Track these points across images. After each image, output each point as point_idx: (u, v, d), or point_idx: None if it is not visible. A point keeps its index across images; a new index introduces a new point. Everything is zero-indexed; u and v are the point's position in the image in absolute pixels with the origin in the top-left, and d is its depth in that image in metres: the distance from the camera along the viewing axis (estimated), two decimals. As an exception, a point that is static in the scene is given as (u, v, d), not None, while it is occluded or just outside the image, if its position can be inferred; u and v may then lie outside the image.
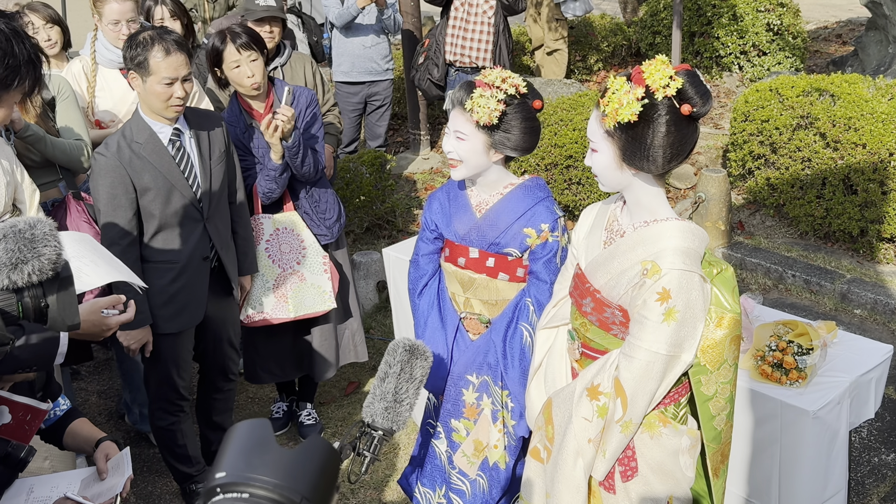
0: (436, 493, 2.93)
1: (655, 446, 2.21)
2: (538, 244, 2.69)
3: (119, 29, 3.78)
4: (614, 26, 8.65)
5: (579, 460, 2.24)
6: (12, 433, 2.26)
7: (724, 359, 2.15)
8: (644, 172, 2.11)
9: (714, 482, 2.27)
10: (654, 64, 2.06)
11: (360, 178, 5.79)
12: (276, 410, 4.21)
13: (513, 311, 2.75)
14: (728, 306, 2.14)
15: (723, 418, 2.20)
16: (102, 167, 3.11)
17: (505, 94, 2.56)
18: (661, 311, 2.07)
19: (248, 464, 0.93)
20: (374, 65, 6.26)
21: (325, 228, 3.82)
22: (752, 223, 5.79)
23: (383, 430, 1.85)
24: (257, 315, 3.71)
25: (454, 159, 2.66)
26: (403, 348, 1.94)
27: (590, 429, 2.23)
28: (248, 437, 0.97)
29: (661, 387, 2.15)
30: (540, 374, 2.49)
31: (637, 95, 2.02)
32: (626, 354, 2.16)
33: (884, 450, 3.78)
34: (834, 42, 9.41)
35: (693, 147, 2.12)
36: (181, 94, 3.08)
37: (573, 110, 5.83)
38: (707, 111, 2.07)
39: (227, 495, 0.91)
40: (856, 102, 5.21)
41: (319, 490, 0.95)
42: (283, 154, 3.51)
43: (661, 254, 2.10)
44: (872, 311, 4.83)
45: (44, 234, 1.74)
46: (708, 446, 2.22)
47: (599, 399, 2.21)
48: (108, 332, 2.26)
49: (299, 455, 0.96)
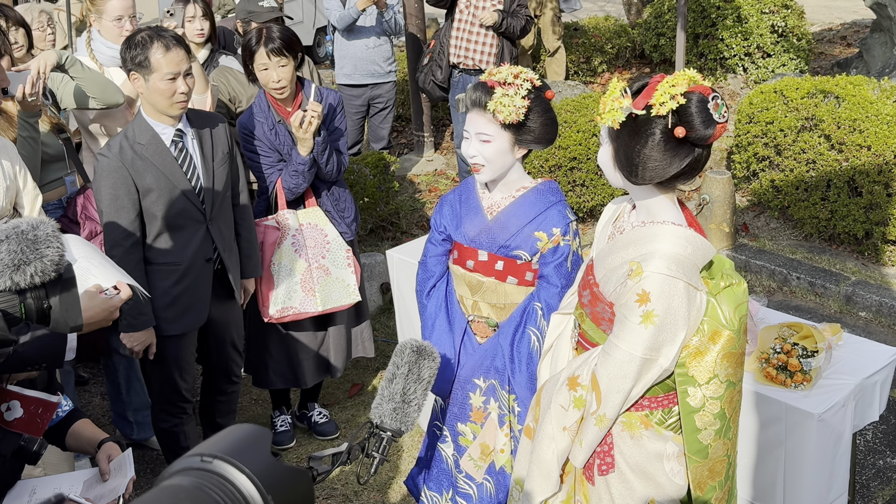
0: (442, 497, 2.92)
1: (635, 447, 2.20)
2: (549, 248, 2.68)
3: (122, 25, 3.78)
4: (618, 28, 8.65)
5: (552, 444, 2.27)
6: (25, 427, 2.29)
7: (715, 374, 2.10)
8: (627, 181, 2.11)
9: (696, 496, 2.21)
10: (674, 77, 2.02)
11: (364, 180, 5.79)
12: (281, 423, 4.10)
13: (521, 314, 2.74)
14: (724, 322, 2.09)
15: (710, 433, 2.14)
16: (105, 168, 3.11)
17: (526, 91, 2.56)
18: (640, 313, 2.06)
19: (236, 451, 0.93)
20: (376, 67, 6.26)
21: (346, 226, 3.86)
22: (757, 225, 5.78)
23: (392, 430, 1.85)
24: (288, 310, 3.72)
25: (479, 163, 2.65)
26: (411, 349, 1.93)
27: (565, 417, 2.24)
28: (245, 432, 0.97)
29: (637, 388, 2.14)
30: (549, 355, 2.51)
31: (623, 105, 2.02)
32: (604, 351, 2.17)
33: (889, 452, 3.76)
34: (838, 44, 9.39)
35: (690, 169, 2.05)
36: (184, 89, 3.09)
37: (577, 112, 5.82)
38: (706, 138, 2.00)
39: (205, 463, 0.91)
40: (860, 104, 5.20)
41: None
42: (312, 149, 3.54)
43: (648, 256, 2.08)
44: (877, 313, 4.82)
45: (46, 235, 1.73)
46: (690, 458, 2.17)
47: (577, 390, 2.23)
48: (114, 313, 2.25)
49: (285, 471, 0.95)
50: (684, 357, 2.11)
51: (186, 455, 0.92)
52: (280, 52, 3.49)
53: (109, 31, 3.81)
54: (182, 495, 0.88)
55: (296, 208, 3.76)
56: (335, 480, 3.77)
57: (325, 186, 3.79)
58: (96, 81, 3.49)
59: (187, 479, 0.90)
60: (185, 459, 0.92)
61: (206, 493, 0.88)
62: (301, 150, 3.55)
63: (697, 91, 2.00)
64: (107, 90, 3.53)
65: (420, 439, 3.59)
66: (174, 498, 0.87)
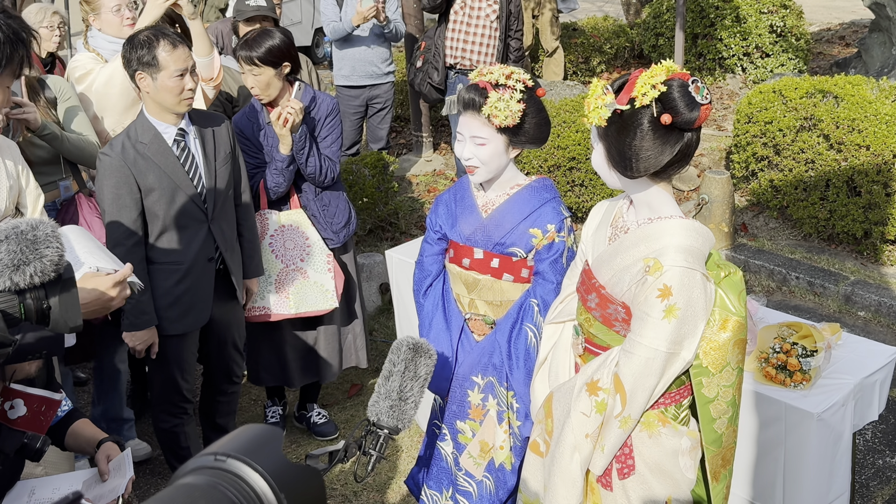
0: (443, 496, 2.93)
1: (654, 445, 2.21)
2: (544, 245, 2.69)
3: (122, 14, 3.78)
4: (617, 28, 8.65)
5: (576, 455, 2.25)
6: (29, 424, 2.29)
7: (727, 362, 2.14)
8: (623, 177, 2.13)
9: (713, 486, 2.26)
10: (651, 70, 2.07)
11: (363, 181, 5.79)
12: (272, 415, 4.17)
13: (517, 311, 2.75)
14: (733, 309, 2.13)
15: (724, 422, 2.19)
16: (107, 167, 3.11)
17: (521, 93, 2.56)
18: (662, 308, 2.07)
19: (249, 450, 0.93)
20: (374, 68, 6.27)
21: (332, 233, 3.82)
22: (756, 225, 5.78)
23: (389, 428, 1.84)
24: (258, 309, 3.71)
25: (474, 165, 2.65)
26: (407, 346, 1.93)
27: (587, 424, 2.23)
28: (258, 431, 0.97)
29: (661, 384, 2.15)
30: (545, 368, 2.50)
31: (606, 101, 2.05)
32: (626, 350, 2.16)
33: (888, 452, 3.76)
34: (837, 44, 9.40)
35: (683, 156, 2.09)
36: (192, 85, 3.10)
37: (576, 112, 5.83)
38: (692, 121, 2.04)
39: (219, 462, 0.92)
40: (859, 104, 5.20)
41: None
42: (292, 146, 3.53)
43: (663, 251, 2.10)
44: (876, 313, 4.82)
45: (46, 235, 1.73)
46: (707, 449, 2.21)
47: (598, 395, 2.22)
48: (112, 299, 2.07)
49: (297, 470, 0.96)
50: (697, 348, 2.13)
51: (200, 454, 0.93)
52: (252, 61, 3.47)
53: (110, 23, 3.80)
54: (197, 494, 0.88)
55: (279, 208, 3.75)
56: (334, 480, 3.76)
57: (313, 190, 3.76)
58: (75, 149, 3.48)
59: (201, 477, 0.90)
60: (198, 458, 0.93)
61: (221, 492, 0.88)
62: (282, 148, 3.55)
63: (677, 77, 2.06)
64: (83, 154, 3.51)
65: (420, 439, 3.59)
66: (189, 496, 0.88)
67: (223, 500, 0.88)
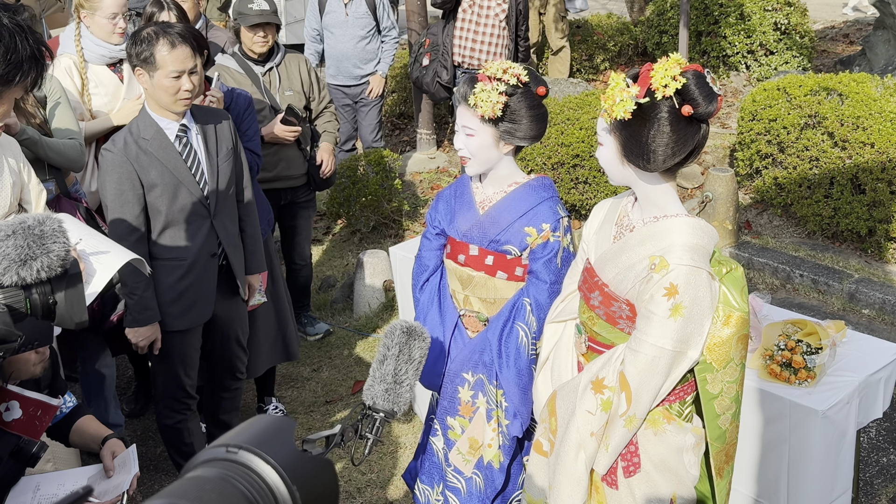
0: (434, 490, 2.94)
1: (659, 443, 2.21)
2: (539, 244, 2.68)
3: (116, 22, 3.77)
4: (621, 25, 8.63)
5: (581, 453, 2.24)
6: (23, 429, 2.28)
7: (731, 357, 2.14)
8: (642, 170, 2.12)
9: (717, 482, 2.26)
10: (664, 62, 2.07)
11: (366, 178, 5.79)
12: (274, 411, 4.20)
13: (510, 310, 2.74)
14: (736, 305, 2.13)
15: (728, 417, 2.19)
16: (109, 163, 3.12)
17: (506, 86, 2.55)
18: (668, 307, 2.07)
19: (260, 441, 0.92)
20: (357, 70, 6.30)
21: None
22: (760, 223, 5.77)
23: (385, 411, 1.85)
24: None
25: (465, 156, 2.66)
26: (401, 330, 1.94)
27: (593, 422, 2.22)
28: (269, 422, 0.97)
29: (667, 383, 2.15)
30: (547, 367, 2.50)
31: (632, 94, 2.04)
32: (631, 349, 2.16)
33: (892, 450, 3.76)
34: (841, 41, 9.38)
35: (696, 148, 2.11)
36: (189, 86, 3.09)
37: (580, 109, 5.82)
38: (711, 112, 2.06)
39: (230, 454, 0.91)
40: (864, 102, 5.19)
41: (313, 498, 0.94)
42: None
43: (669, 249, 2.10)
44: (881, 311, 4.81)
45: (52, 230, 1.73)
46: (712, 445, 2.21)
47: (604, 393, 2.21)
48: None
49: (310, 461, 0.95)
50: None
51: (211, 445, 0.92)
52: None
53: (102, 27, 3.78)
54: (208, 486, 0.87)
55: None
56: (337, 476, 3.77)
57: None
58: (54, 153, 3.45)
59: (212, 469, 0.89)
60: (210, 450, 0.92)
61: (232, 484, 0.88)
62: None
63: (692, 69, 2.06)
64: (64, 158, 3.47)
65: (420, 433, 3.60)
66: (200, 489, 0.87)
67: (234, 493, 0.87)
